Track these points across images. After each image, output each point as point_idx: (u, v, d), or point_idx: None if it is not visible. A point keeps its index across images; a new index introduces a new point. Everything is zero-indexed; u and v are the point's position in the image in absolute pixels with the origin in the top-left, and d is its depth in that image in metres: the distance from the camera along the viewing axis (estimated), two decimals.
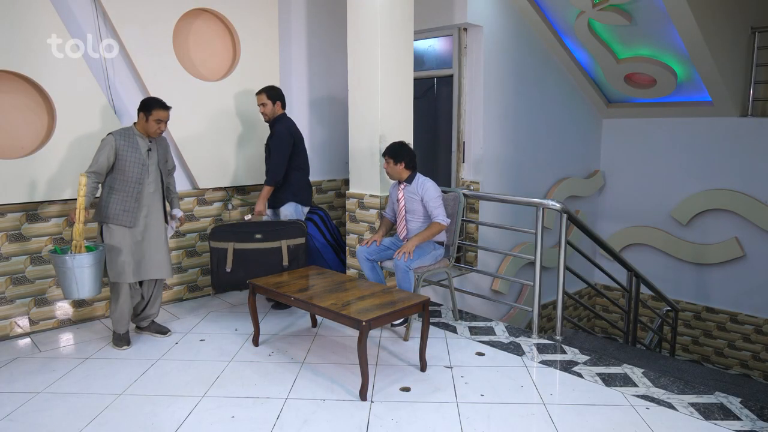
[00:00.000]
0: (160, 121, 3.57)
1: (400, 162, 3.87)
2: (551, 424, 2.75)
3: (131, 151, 3.53)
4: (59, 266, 3.33)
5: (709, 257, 6.59)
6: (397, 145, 3.92)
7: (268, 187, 4.26)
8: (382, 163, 4.01)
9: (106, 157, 3.47)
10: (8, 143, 3.75)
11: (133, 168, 3.53)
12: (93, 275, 3.39)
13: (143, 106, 3.57)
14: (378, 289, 3.47)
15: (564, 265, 3.89)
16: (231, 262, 3.93)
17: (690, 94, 6.31)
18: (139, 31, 4.12)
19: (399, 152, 3.88)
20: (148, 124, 3.56)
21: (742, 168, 6.24)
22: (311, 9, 5.30)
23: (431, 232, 3.82)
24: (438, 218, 3.83)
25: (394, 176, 3.95)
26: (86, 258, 3.34)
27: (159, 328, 3.90)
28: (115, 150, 3.48)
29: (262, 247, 3.97)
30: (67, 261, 3.30)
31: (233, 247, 3.94)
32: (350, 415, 2.83)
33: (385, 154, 3.92)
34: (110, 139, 3.49)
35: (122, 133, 3.55)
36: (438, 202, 3.86)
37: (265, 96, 4.27)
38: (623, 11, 5.50)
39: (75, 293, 3.36)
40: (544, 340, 3.85)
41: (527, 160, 6.28)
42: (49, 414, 2.86)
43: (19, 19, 3.61)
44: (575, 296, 5.09)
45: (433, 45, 6.00)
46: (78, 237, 3.36)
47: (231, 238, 3.95)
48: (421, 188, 3.88)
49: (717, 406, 2.90)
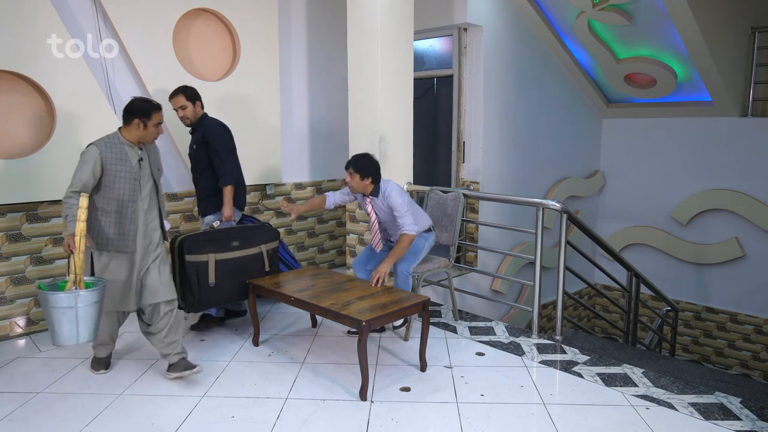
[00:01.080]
0: (159, 125, 3.13)
1: (366, 177, 3.57)
2: (551, 424, 2.75)
3: (120, 163, 3.01)
4: (56, 306, 2.71)
5: (709, 257, 6.59)
6: (364, 158, 3.60)
7: (230, 187, 3.82)
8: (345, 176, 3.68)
9: (92, 172, 2.93)
10: (8, 143, 3.75)
11: (123, 184, 3.02)
12: (97, 314, 2.85)
13: (139, 111, 3.03)
14: (378, 289, 3.47)
15: (564, 265, 3.89)
16: (214, 275, 3.52)
17: (690, 94, 6.31)
18: (139, 31, 4.13)
19: (366, 167, 3.57)
20: (147, 131, 3.07)
21: (742, 168, 6.25)
22: (311, 9, 5.30)
23: (401, 247, 3.54)
24: (404, 228, 3.55)
25: (358, 190, 3.65)
26: (91, 294, 2.78)
27: (188, 364, 3.20)
28: (101, 163, 2.96)
29: (243, 254, 3.66)
30: (70, 299, 2.71)
31: (214, 258, 3.54)
32: (350, 415, 2.83)
33: (350, 167, 3.58)
34: (94, 151, 2.95)
35: (107, 143, 3.00)
36: (403, 209, 3.56)
37: (183, 97, 3.79)
38: (623, 11, 5.50)
39: (74, 338, 2.77)
40: (544, 340, 3.85)
41: (527, 160, 6.28)
42: (49, 414, 2.86)
43: (19, 19, 3.61)
44: (575, 296, 5.09)
45: (433, 45, 6.00)
46: (79, 270, 2.80)
47: (210, 249, 3.52)
48: (387, 200, 3.62)
49: (717, 406, 2.90)
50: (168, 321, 3.20)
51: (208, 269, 3.52)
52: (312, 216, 5.51)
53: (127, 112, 3.06)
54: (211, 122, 3.89)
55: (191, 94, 3.84)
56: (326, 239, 5.69)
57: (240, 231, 3.73)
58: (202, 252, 3.51)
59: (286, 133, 5.20)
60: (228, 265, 3.60)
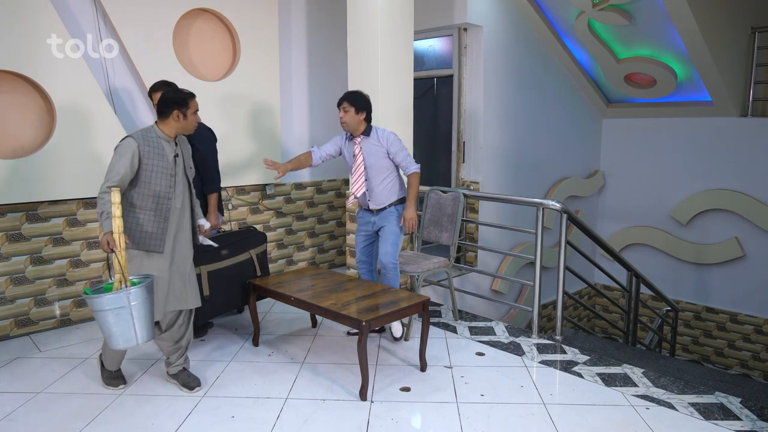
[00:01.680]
0: (197, 112, 2.98)
1: (361, 111, 3.48)
2: (551, 424, 2.75)
3: (157, 158, 2.86)
4: (108, 308, 2.59)
5: (709, 257, 6.59)
6: (356, 92, 3.53)
7: (216, 194, 3.77)
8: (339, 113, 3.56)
9: (129, 166, 2.77)
10: (8, 143, 3.75)
11: (160, 180, 2.87)
12: (150, 311, 2.71)
13: (177, 102, 2.87)
14: (378, 289, 3.47)
15: (564, 265, 3.89)
16: (208, 287, 3.46)
17: (690, 94, 6.31)
18: (139, 31, 4.13)
19: (360, 100, 3.47)
20: (187, 121, 2.92)
21: (742, 168, 6.25)
22: (311, 9, 5.30)
23: (415, 187, 3.59)
24: (411, 168, 3.59)
25: (351, 127, 3.54)
26: (143, 291, 2.65)
27: (187, 380, 3.10)
28: (138, 156, 2.80)
29: (234, 262, 3.62)
30: (121, 299, 2.58)
31: (206, 270, 3.46)
32: (350, 415, 2.83)
33: (344, 101, 3.46)
34: (132, 144, 2.79)
35: (144, 136, 2.85)
36: (405, 150, 3.60)
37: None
38: (623, 11, 5.50)
39: (133, 339, 2.66)
40: (544, 340, 3.85)
41: (527, 160, 6.28)
42: (49, 414, 2.86)
43: (19, 19, 3.61)
44: (575, 296, 5.09)
45: (433, 45, 6.00)
46: (124, 268, 2.68)
47: (200, 261, 3.38)
48: (384, 139, 3.54)
49: (717, 406, 2.90)
50: (186, 329, 3.10)
51: (201, 282, 3.43)
52: (312, 216, 5.52)
53: (164, 104, 2.89)
54: (200, 125, 3.67)
55: None
56: (326, 239, 5.69)
57: (225, 239, 3.66)
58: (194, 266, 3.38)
59: (286, 133, 5.20)
60: (221, 275, 3.55)
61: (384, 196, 3.67)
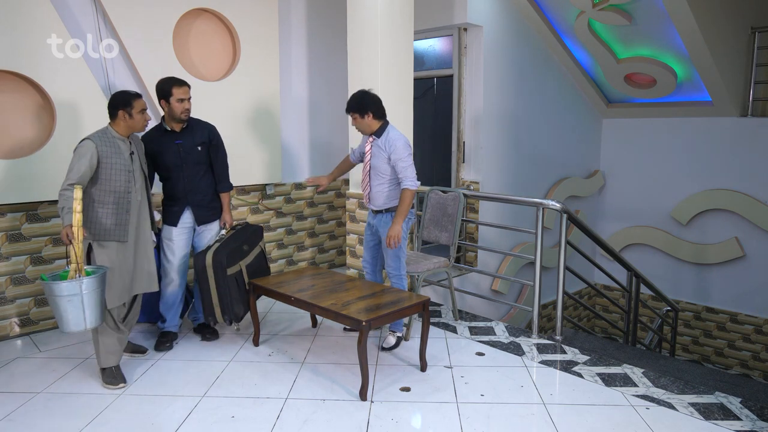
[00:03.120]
0: (144, 111, 3.20)
1: (366, 113, 3.44)
2: (551, 424, 2.75)
3: (115, 157, 3.10)
4: (61, 295, 2.79)
5: (709, 257, 6.59)
6: (359, 95, 3.48)
7: (228, 192, 3.83)
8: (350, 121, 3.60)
9: (89, 165, 3.00)
10: (8, 143, 3.75)
11: (119, 176, 3.11)
12: (100, 299, 2.93)
13: (120, 102, 3.12)
14: (378, 289, 3.47)
15: (564, 265, 3.89)
16: (248, 279, 3.70)
17: (690, 94, 6.31)
18: (139, 31, 4.12)
19: (363, 103, 3.43)
20: (133, 120, 3.16)
21: (742, 168, 6.25)
22: (311, 9, 5.30)
23: (405, 204, 3.42)
24: (406, 182, 3.41)
25: (365, 130, 3.53)
26: (95, 279, 2.87)
27: (135, 347, 3.56)
28: (97, 156, 3.03)
29: (254, 256, 3.81)
30: (74, 287, 2.79)
31: (244, 265, 3.68)
32: (350, 415, 2.83)
33: (349, 110, 3.49)
34: (90, 145, 3.02)
35: (101, 137, 3.09)
36: (407, 162, 3.43)
37: (188, 89, 3.57)
38: (623, 11, 5.50)
39: (81, 324, 2.86)
40: (544, 340, 3.85)
41: (527, 160, 6.28)
42: (49, 414, 2.86)
43: (19, 19, 3.61)
44: (575, 296, 5.09)
45: (433, 45, 6.00)
46: (79, 259, 2.88)
47: (238, 258, 3.64)
48: (389, 145, 3.45)
49: (717, 406, 2.90)
50: (138, 308, 3.41)
51: (243, 276, 3.68)
52: (312, 216, 5.52)
53: (110, 106, 3.16)
54: (210, 124, 3.77)
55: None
56: (326, 239, 5.69)
57: (241, 235, 3.77)
58: (235, 263, 3.62)
59: (286, 133, 5.20)
60: (250, 268, 3.75)
61: (381, 200, 3.61)
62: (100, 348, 3.15)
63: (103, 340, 3.14)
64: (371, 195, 3.64)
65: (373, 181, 3.60)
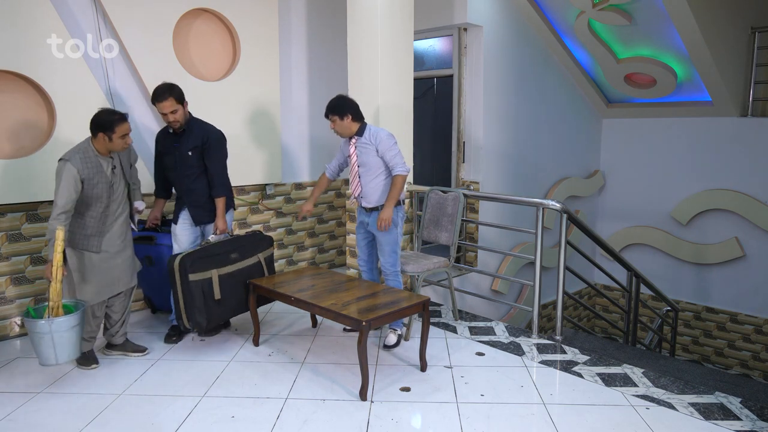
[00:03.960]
0: (125, 136, 3.18)
1: (345, 116, 3.49)
2: (551, 424, 2.75)
3: (97, 176, 3.15)
4: (34, 331, 2.98)
5: (709, 257, 6.59)
6: (337, 99, 3.54)
7: (224, 198, 3.73)
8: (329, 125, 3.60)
9: (75, 191, 3.06)
10: (8, 143, 3.75)
11: (101, 192, 3.19)
12: (73, 338, 3.05)
13: (103, 125, 3.10)
14: (378, 289, 3.47)
15: (564, 265, 3.89)
16: (219, 290, 3.49)
17: (690, 94, 6.31)
18: (139, 31, 4.12)
19: (341, 106, 3.49)
20: (113, 143, 3.15)
21: (742, 168, 6.25)
22: (311, 9, 5.30)
23: (397, 188, 3.51)
24: (397, 169, 3.51)
25: (345, 133, 3.57)
26: (66, 321, 3.00)
27: (134, 347, 3.59)
28: (80, 181, 3.08)
29: (243, 265, 3.65)
30: (45, 326, 2.95)
31: (217, 274, 3.49)
32: (350, 415, 2.83)
33: (328, 114, 3.52)
34: (72, 171, 3.05)
35: (82, 159, 3.10)
36: (395, 150, 3.52)
37: (173, 101, 3.48)
38: (623, 11, 5.50)
39: (52, 359, 3.01)
40: (544, 340, 3.85)
41: (527, 160, 6.28)
42: (49, 414, 2.86)
43: (19, 19, 3.61)
44: (575, 296, 5.09)
45: (433, 45, 6.00)
46: (56, 298, 3.02)
47: (211, 265, 3.46)
48: (374, 138, 3.53)
49: (717, 406, 2.90)
50: (128, 303, 3.55)
51: (213, 285, 3.47)
52: (312, 216, 5.51)
53: (92, 125, 3.15)
54: (210, 128, 3.71)
55: (180, 95, 3.53)
56: (326, 239, 5.69)
57: (233, 242, 3.68)
58: (205, 269, 3.45)
59: (286, 133, 5.20)
60: (231, 278, 3.58)
61: (376, 195, 3.63)
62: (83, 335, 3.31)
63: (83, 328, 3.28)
64: (364, 193, 3.66)
65: (365, 178, 3.63)
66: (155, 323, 4.13)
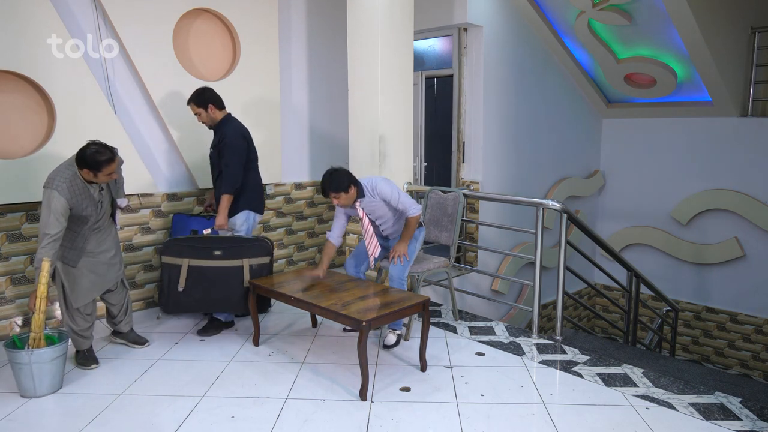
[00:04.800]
0: (111, 174, 3.16)
1: (348, 189, 3.43)
2: (551, 424, 2.75)
3: (85, 201, 3.17)
4: (13, 361, 2.96)
5: (709, 257, 6.59)
6: (332, 176, 3.43)
7: (228, 196, 3.79)
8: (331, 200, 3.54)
9: (64, 218, 3.07)
10: (8, 143, 3.75)
11: (89, 213, 3.22)
12: (53, 370, 3.02)
13: (90, 164, 3.07)
14: (378, 289, 3.47)
15: (564, 265, 3.89)
16: (184, 280, 3.55)
17: (690, 94, 6.31)
18: (139, 31, 4.12)
19: (340, 181, 3.41)
20: (97, 179, 3.15)
21: (742, 168, 6.25)
22: (311, 9, 5.30)
23: (411, 227, 3.60)
24: (409, 211, 3.56)
25: (349, 203, 3.52)
26: (46, 353, 2.96)
27: (136, 337, 3.69)
28: (69, 208, 3.09)
29: (221, 265, 3.62)
30: (23, 356, 2.91)
31: (188, 263, 3.56)
32: (350, 415, 2.83)
33: (330, 192, 3.43)
34: (60, 201, 3.04)
35: (69, 187, 3.08)
36: (399, 194, 3.55)
37: (194, 105, 3.84)
38: (623, 11, 5.50)
39: (32, 390, 2.97)
40: (544, 340, 3.85)
41: (527, 160, 6.28)
42: (49, 414, 2.86)
43: (19, 19, 3.61)
44: (575, 296, 5.09)
45: (433, 45, 6.00)
46: (37, 329, 3.00)
47: (186, 254, 3.56)
48: (377, 192, 3.54)
49: (717, 406, 2.90)
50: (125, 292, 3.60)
51: (180, 274, 3.58)
52: (312, 216, 5.52)
53: (79, 159, 3.10)
54: (228, 127, 3.87)
55: (200, 100, 3.82)
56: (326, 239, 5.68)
57: (226, 241, 3.71)
58: (178, 256, 3.60)
59: (285, 133, 5.20)
60: (202, 273, 3.61)
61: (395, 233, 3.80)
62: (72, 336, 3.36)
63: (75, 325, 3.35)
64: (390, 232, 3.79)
65: (386, 223, 3.73)
66: (155, 322, 4.14)
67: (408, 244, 3.64)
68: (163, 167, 4.46)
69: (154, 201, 4.42)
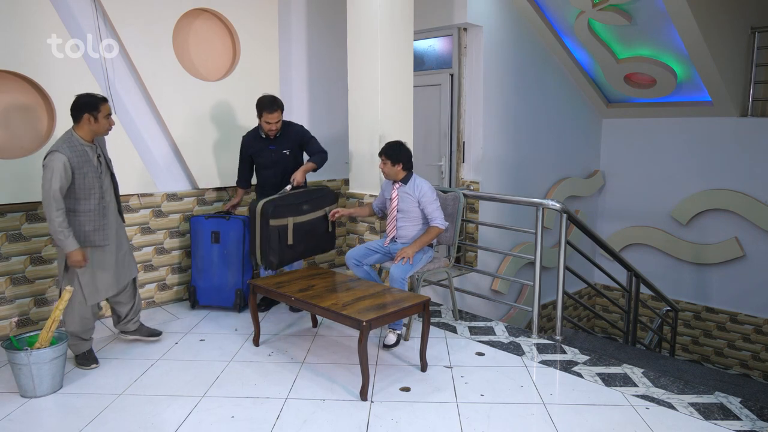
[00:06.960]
0: (109, 116, 3.20)
1: (398, 163, 3.73)
2: (551, 424, 2.75)
3: (86, 165, 3.13)
4: (12, 361, 2.98)
5: (709, 257, 6.59)
6: (395, 145, 3.76)
7: (313, 164, 4.19)
8: (378, 162, 3.87)
9: (65, 177, 3.02)
10: (8, 143, 3.75)
11: (92, 183, 3.16)
12: (53, 370, 3.03)
13: (87, 105, 3.11)
14: (378, 289, 3.47)
15: (564, 265, 3.89)
16: (292, 236, 3.91)
17: (690, 94, 6.31)
18: (139, 31, 4.12)
19: (397, 153, 3.72)
20: (98, 124, 3.15)
21: (742, 168, 6.25)
22: (311, 9, 5.30)
23: (429, 237, 3.73)
24: (436, 221, 3.72)
25: (391, 176, 3.81)
26: (46, 353, 2.96)
27: (150, 331, 3.76)
28: (71, 168, 3.04)
29: (312, 217, 4.04)
30: (22, 357, 2.92)
31: (292, 222, 3.91)
32: (350, 415, 2.83)
33: (382, 154, 3.76)
34: (61, 158, 3.01)
35: (70, 147, 3.07)
36: (436, 204, 3.75)
37: (280, 112, 4.07)
38: (623, 11, 5.50)
39: (31, 391, 2.98)
40: (544, 340, 3.85)
41: (527, 160, 6.28)
42: (49, 414, 2.86)
43: (19, 19, 3.61)
44: (575, 296, 5.09)
45: (433, 45, 6.00)
46: (43, 343, 3.02)
47: (288, 213, 3.91)
48: (417, 190, 3.75)
49: (717, 406, 2.90)
50: (135, 291, 3.65)
51: (287, 232, 3.89)
52: None
53: (75, 109, 3.14)
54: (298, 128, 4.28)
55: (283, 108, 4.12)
56: None
57: (305, 195, 4.06)
58: (284, 216, 3.87)
59: None
60: (302, 227, 3.98)
61: (410, 237, 3.88)
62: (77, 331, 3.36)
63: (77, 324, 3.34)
64: (399, 234, 3.90)
65: (401, 222, 3.86)
66: (157, 322, 4.14)
67: (417, 251, 3.72)
68: (163, 167, 4.46)
69: (154, 201, 4.42)
